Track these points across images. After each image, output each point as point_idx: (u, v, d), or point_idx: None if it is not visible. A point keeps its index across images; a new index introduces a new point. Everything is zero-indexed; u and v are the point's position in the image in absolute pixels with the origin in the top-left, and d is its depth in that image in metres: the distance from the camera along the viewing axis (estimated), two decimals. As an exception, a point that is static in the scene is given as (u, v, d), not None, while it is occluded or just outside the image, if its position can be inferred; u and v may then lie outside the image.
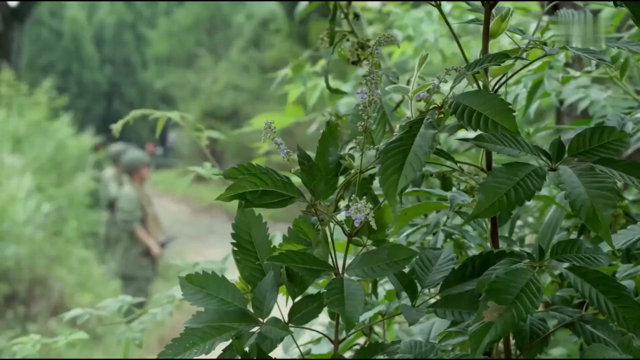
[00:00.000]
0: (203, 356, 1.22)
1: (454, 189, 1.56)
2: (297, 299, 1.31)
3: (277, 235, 2.32)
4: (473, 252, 1.65)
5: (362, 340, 1.79)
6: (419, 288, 1.34)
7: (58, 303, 9.30)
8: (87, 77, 47.53)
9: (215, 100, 33.08)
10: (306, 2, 2.80)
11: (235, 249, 1.35)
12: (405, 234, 1.62)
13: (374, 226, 1.18)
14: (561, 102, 2.34)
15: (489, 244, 1.56)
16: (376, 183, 1.31)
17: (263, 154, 2.91)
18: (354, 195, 1.21)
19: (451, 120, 1.28)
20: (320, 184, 1.28)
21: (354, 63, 1.54)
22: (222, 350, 1.28)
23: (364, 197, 1.22)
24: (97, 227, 13.31)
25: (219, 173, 2.55)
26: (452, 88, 1.28)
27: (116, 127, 2.47)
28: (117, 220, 11.09)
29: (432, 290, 1.36)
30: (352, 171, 1.28)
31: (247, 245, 1.36)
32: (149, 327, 9.43)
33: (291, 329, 1.29)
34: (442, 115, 1.23)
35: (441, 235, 1.57)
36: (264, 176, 1.28)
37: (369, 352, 1.26)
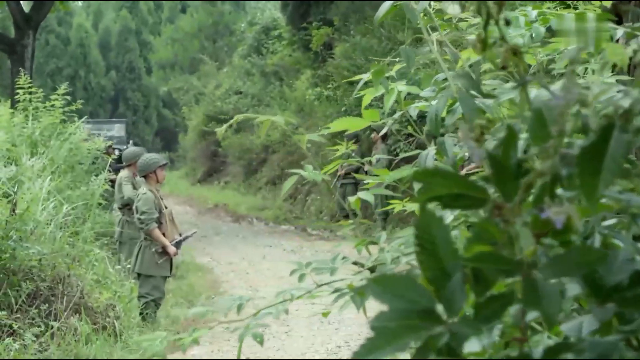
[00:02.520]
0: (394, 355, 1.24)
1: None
2: (482, 298, 1.34)
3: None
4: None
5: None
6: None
7: (78, 301, 9.39)
8: (93, 83, 47.97)
9: (218, 104, 33.31)
10: (388, 4, 2.83)
11: (418, 249, 1.37)
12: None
13: (579, 227, 1.21)
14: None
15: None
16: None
17: (338, 157, 2.93)
18: (546, 197, 1.24)
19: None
20: (510, 186, 1.31)
21: (503, 68, 1.57)
22: (416, 349, 1.30)
23: (551, 199, 1.25)
24: (110, 228, 13.43)
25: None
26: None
27: (220, 131, 2.49)
28: (135, 220, 11.20)
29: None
30: (533, 173, 1.30)
31: (429, 246, 1.37)
32: (166, 324, 9.43)
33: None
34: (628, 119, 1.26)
35: (597, 237, 1.60)
36: (456, 179, 1.31)
37: (556, 351, 1.28)
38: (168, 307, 11.87)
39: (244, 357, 8.93)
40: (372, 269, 2.18)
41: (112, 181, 14.53)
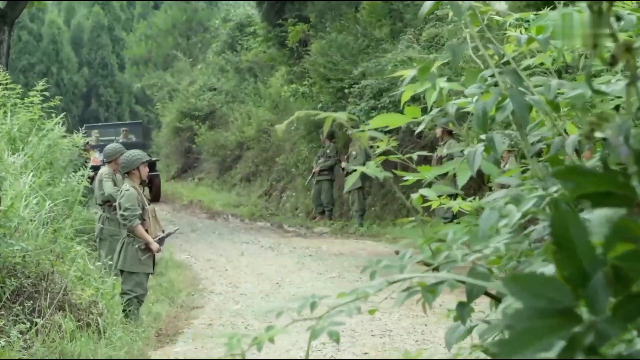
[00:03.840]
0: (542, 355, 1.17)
1: None
2: (621, 297, 1.27)
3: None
4: None
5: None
6: None
7: (62, 297, 9.33)
8: (66, 79, 47.91)
9: (192, 101, 33.30)
10: (431, 3, 2.77)
11: (555, 248, 1.31)
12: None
13: None
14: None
15: None
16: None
17: (381, 154, 2.84)
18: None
19: None
20: (656, 183, 1.25)
21: (611, 64, 1.50)
22: (562, 348, 1.23)
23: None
24: (88, 224, 13.33)
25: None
26: None
27: (280, 128, 2.39)
28: (117, 217, 11.15)
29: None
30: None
31: (566, 244, 1.31)
32: (148, 321, 9.31)
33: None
34: None
35: None
36: (605, 177, 1.25)
37: None
38: (149, 304, 11.81)
39: (231, 357, 8.88)
40: (436, 268, 2.11)
41: (91, 178, 14.42)
